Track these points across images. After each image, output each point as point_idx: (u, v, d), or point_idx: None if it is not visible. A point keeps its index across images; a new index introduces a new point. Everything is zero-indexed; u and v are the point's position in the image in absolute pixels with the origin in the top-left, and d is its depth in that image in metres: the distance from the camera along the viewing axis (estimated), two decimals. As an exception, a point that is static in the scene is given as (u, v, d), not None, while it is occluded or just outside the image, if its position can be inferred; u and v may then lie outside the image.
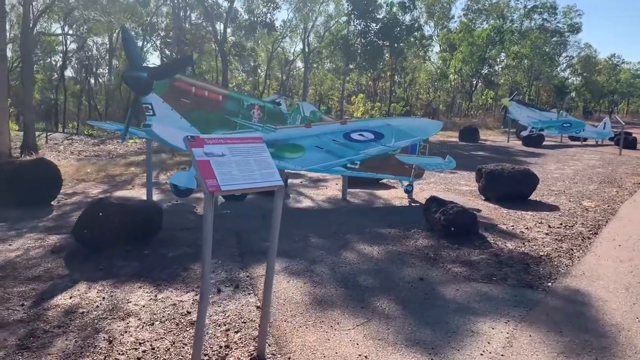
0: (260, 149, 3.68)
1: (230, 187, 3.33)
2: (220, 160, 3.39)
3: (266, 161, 3.64)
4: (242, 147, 3.58)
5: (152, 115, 8.55)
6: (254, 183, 3.46)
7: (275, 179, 3.58)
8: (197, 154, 3.33)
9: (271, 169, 3.61)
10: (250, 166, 3.52)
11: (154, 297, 4.79)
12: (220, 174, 3.32)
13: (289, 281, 5.25)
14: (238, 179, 3.39)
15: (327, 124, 9.37)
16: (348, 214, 8.60)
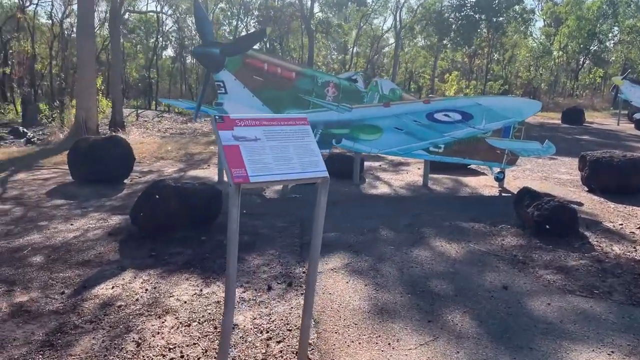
0: (304, 132, 3.06)
1: (261, 178, 2.75)
2: (252, 146, 2.82)
3: (309, 147, 3.02)
4: (281, 129, 2.98)
5: (223, 94, 8.21)
6: (292, 174, 2.86)
7: (318, 169, 2.96)
8: (224, 137, 2.78)
9: (315, 156, 2.99)
10: (288, 153, 2.92)
11: (199, 291, 4.37)
12: (251, 163, 2.75)
13: (349, 282, 4.63)
14: (272, 168, 2.81)
15: (408, 103, 8.59)
16: (427, 203, 7.80)
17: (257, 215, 6.72)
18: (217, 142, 2.82)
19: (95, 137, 8.56)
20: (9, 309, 3.96)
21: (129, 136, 13.80)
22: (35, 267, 4.82)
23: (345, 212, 7.02)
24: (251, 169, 2.73)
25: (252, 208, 7.11)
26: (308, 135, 3.05)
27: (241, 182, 2.67)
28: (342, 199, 7.79)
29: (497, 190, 8.84)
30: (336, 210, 7.04)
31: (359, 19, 38.31)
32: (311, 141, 3.04)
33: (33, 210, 6.76)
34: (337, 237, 5.91)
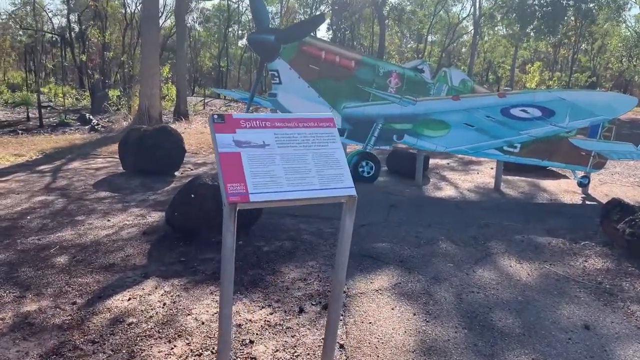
0: (328, 136, 2.42)
1: (265, 196, 2.14)
2: (257, 154, 2.22)
3: (334, 156, 2.37)
4: (298, 133, 2.36)
5: (277, 84, 7.71)
6: (308, 191, 2.23)
7: (344, 184, 2.30)
8: (222, 142, 2.19)
9: (340, 168, 2.34)
10: (305, 163, 2.29)
11: (221, 310, 3.83)
12: (254, 175, 2.15)
13: (395, 308, 3.94)
14: (281, 183, 2.19)
15: (481, 97, 7.72)
16: (498, 210, 6.92)
17: (303, 218, 6.15)
18: (214, 148, 2.23)
19: (147, 127, 8.30)
20: (12, 320, 3.59)
21: (191, 125, 13.65)
22: (56, 269, 4.48)
23: (401, 218, 6.31)
24: (253, 184, 2.12)
25: (298, 208, 6.54)
26: (333, 140, 2.40)
27: (238, 202, 2.06)
28: (400, 202, 7.07)
29: (580, 198, 7.78)
30: (392, 215, 6.34)
31: (435, 6, 36.77)
32: (336, 148, 2.39)
33: (74, 203, 6.53)
34: (389, 248, 5.23)
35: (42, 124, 13.46)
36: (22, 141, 11.36)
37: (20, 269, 4.46)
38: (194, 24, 37.53)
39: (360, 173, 7.96)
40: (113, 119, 14.25)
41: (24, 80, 26.25)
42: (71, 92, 22.94)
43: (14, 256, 4.72)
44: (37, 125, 13.42)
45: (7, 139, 11.63)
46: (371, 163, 8.01)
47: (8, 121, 14.26)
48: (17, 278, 4.26)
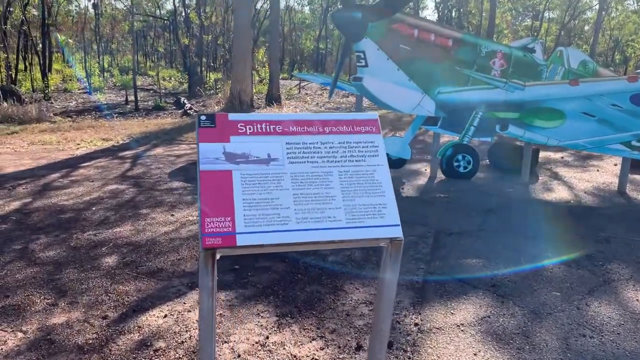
0: (368, 146, 1.67)
1: (262, 238, 1.45)
2: (257, 174, 1.54)
3: (372, 178, 1.65)
4: (320, 142, 1.63)
5: (363, 67, 6.95)
6: (327, 230, 1.50)
7: (384, 222, 1.56)
8: (207, 155, 1.54)
9: (379, 195, 1.60)
10: (328, 188, 1.56)
11: (264, 338, 3.24)
12: (247, 206, 1.49)
13: (478, 353, 3.11)
14: (288, 217, 1.50)
15: (605, 81, 6.46)
16: (622, 220, 5.71)
17: (383, 221, 5.37)
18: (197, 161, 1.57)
19: (225, 114, 7.89)
20: (34, 335, 3.23)
21: (282, 110, 13.25)
22: (101, 272, 4.13)
23: (499, 226, 5.35)
24: (245, 219, 1.46)
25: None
26: (375, 152, 1.66)
27: (217, 247, 1.38)
28: (500, 205, 6.07)
29: None
30: (488, 222, 5.40)
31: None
32: (379, 165, 1.64)
33: (144, 194, 6.26)
34: (480, 266, 4.34)
35: (137, 107, 13.74)
36: (115, 125, 11.58)
37: (65, 269, 4.15)
38: (295, 4, 37.35)
39: (456, 168, 7.02)
40: (206, 104, 14.24)
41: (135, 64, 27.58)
42: (176, 75, 23.63)
43: (64, 254, 4.45)
44: (133, 108, 13.72)
45: (101, 123, 11.93)
46: (469, 157, 7.03)
47: (108, 104, 14.77)
48: (57, 281, 3.95)
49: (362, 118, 1.71)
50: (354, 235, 1.52)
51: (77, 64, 23.12)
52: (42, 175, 6.94)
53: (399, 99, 6.95)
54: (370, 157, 1.64)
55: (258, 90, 17.79)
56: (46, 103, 13.84)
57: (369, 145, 1.66)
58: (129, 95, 14.70)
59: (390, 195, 1.59)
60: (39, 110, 11.79)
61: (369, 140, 1.67)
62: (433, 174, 7.41)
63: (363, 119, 1.71)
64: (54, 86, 18.11)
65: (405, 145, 7.35)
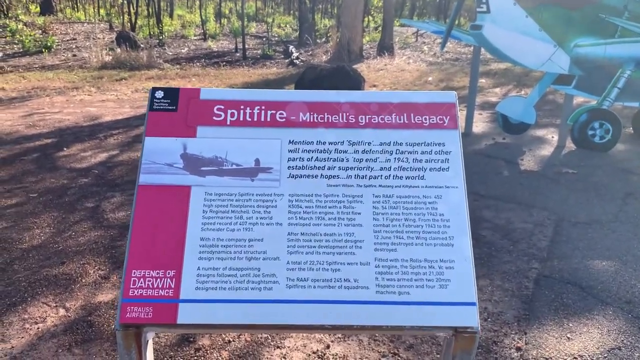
0: (434, 149, 0.95)
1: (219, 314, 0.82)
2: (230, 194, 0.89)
3: (434, 212, 0.92)
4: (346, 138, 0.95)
5: (485, 13, 5.96)
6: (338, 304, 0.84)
7: (448, 297, 0.86)
8: (152, 155, 0.91)
9: (442, 244, 0.88)
10: (352, 227, 0.88)
11: (324, 347, 2.70)
12: (205, 255, 0.85)
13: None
14: (274, 278, 0.85)
15: None
16: None
17: (491, 200, 4.56)
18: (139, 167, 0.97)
19: (324, 67, 7.26)
20: (74, 315, 2.95)
21: (394, 61, 12.31)
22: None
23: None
24: (198, 277, 0.83)
25: (490, 185, 4.95)
26: (446, 163, 0.94)
27: (145, 323, 0.79)
28: (644, 188, 4.93)
29: None
30: (627, 210, 4.37)
31: None
32: (451, 187, 0.92)
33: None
34: (612, 272, 3.42)
35: (244, 56, 13.49)
36: (219, 74, 11.40)
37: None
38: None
39: (590, 138, 5.87)
40: (315, 53, 13.66)
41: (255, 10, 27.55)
42: (292, 22, 23.19)
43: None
44: (241, 57, 13.50)
45: (207, 71, 11.82)
46: (607, 125, 5.82)
47: (218, 52, 14.68)
48: (117, 249, 3.69)
49: (427, 100, 1.00)
50: (387, 319, 0.85)
51: (196, 9, 23.51)
52: (136, 126, 6.85)
53: (525, 52, 5.88)
54: (434, 172, 0.94)
55: (372, 38, 16.84)
56: (159, 49, 14.05)
57: (435, 150, 0.95)
58: (239, 42, 14.52)
59: (465, 245, 0.89)
60: (149, 56, 11.95)
61: (437, 142, 0.96)
62: (561, 143, 6.29)
63: (429, 102, 1.00)
64: (173, 32, 18.46)
65: (529, 107, 6.27)
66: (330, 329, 0.86)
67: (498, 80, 10.78)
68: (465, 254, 0.92)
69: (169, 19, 20.36)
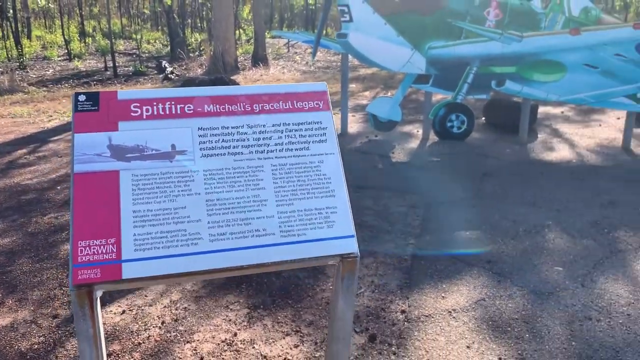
0: (313, 128, 1.24)
1: (159, 265, 1.03)
2: (154, 174, 1.10)
3: (319, 172, 1.20)
4: (247, 124, 1.20)
5: (348, 22, 6.43)
6: (252, 248, 1.09)
7: (333, 233, 1.13)
8: (84, 149, 1.09)
9: (327, 195, 1.16)
10: (256, 190, 1.13)
11: (232, 335, 2.88)
12: (139, 221, 1.05)
13: (472, 345, 2.76)
14: (198, 235, 1.07)
15: (609, 29, 5.97)
16: (627, 180, 5.33)
17: (370, 190, 5.00)
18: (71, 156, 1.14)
19: (202, 78, 7.39)
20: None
21: (269, 71, 12.67)
22: (58, 261, 3.75)
23: (496, 192, 4.96)
24: (135, 241, 1.03)
25: (368, 177, 5.40)
26: (324, 136, 1.23)
27: (95, 282, 0.98)
28: (496, 168, 5.66)
29: None
30: (484, 188, 5.01)
31: None
32: (329, 153, 1.21)
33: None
34: (475, 240, 3.97)
35: (116, 73, 13.11)
36: (92, 93, 10.98)
37: (19, 260, 3.77)
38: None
39: (449, 129, 6.58)
40: (189, 67, 13.63)
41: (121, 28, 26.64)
42: (161, 38, 22.77)
43: (20, 241, 4.06)
44: (112, 75, 13.11)
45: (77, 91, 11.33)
46: (462, 116, 6.58)
47: (87, 71, 14.12)
48: (8, 274, 3.57)
49: (305, 90, 1.29)
50: (292, 254, 1.11)
51: (56, 29, 22.23)
52: (7, 152, 6.49)
53: (387, 56, 6.45)
54: (316, 144, 1.22)
55: (245, 50, 17.11)
56: (20, 72, 13.20)
57: (315, 127, 1.24)
58: (108, 60, 14.05)
59: (342, 195, 1.18)
60: (11, 80, 11.20)
61: (315, 120, 1.24)
62: (426, 136, 6.98)
63: (306, 92, 1.28)
64: (34, 54, 17.38)
65: (395, 105, 6.88)
66: (247, 268, 1.07)
67: (367, 84, 11.53)
68: (344, 201, 1.20)
69: (27, 41, 19.07)
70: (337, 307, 1.28)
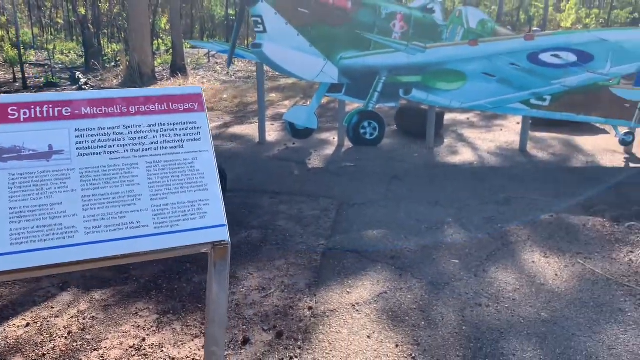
0: (187, 128, 1.35)
1: (32, 260, 1.11)
2: (31, 173, 1.17)
3: (192, 168, 1.32)
4: (123, 125, 1.29)
5: (262, 32, 6.55)
6: (127, 239, 1.18)
7: (205, 223, 1.26)
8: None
9: (200, 189, 1.28)
10: (131, 185, 1.23)
11: (140, 340, 2.91)
12: (15, 217, 1.13)
13: (372, 335, 2.94)
14: (74, 229, 1.15)
15: (504, 40, 6.46)
16: (523, 179, 5.78)
17: (286, 196, 5.13)
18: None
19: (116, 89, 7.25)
20: None
21: (188, 81, 12.59)
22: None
23: (404, 193, 5.23)
24: (11, 235, 1.11)
25: (284, 183, 5.53)
26: (197, 134, 1.33)
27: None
28: (405, 171, 5.97)
29: (623, 159, 6.55)
30: (392, 190, 5.28)
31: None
32: (202, 150, 1.33)
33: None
34: (381, 238, 4.19)
35: (25, 85, 12.55)
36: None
37: None
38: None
39: (362, 135, 6.85)
40: (104, 78, 13.28)
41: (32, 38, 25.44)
42: (76, 48, 21.98)
43: None
44: (22, 87, 12.55)
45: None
46: (374, 123, 6.88)
47: (-7, 83, 13.45)
48: None
49: (180, 93, 1.40)
50: (165, 244, 1.22)
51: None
52: None
53: (301, 66, 6.64)
54: (190, 142, 1.34)
55: (164, 60, 16.86)
56: None
57: (189, 127, 1.35)
58: (17, 72, 13.41)
59: (215, 188, 1.30)
60: None
61: (190, 121, 1.36)
62: (341, 143, 7.22)
63: (182, 94, 1.40)
64: None
65: (311, 114, 7.08)
66: (121, 258, 1.17)
67: (287, 94, 11.72)
68: (216, 194, 1.32)
69: None
70: (212, 291, 1.40)
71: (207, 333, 1.59)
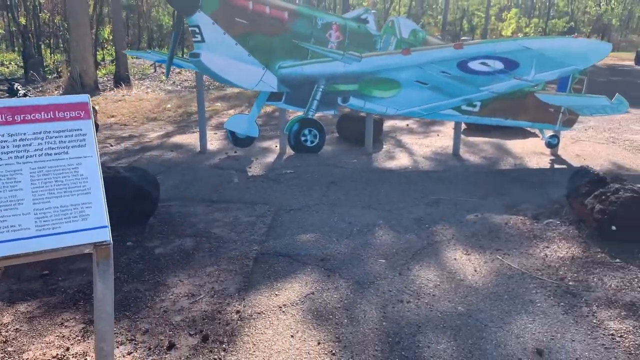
0: (72, 135, 1.42)
1: None
2: None
3: (76, 173, 1.41)
4: (7, 133, 1.35)
5: (200, 42, 6.59)
6: (7, 242, 1.24)
7: (87, 224, 1.33)
8: None
9: (83, 193, 1.36)
10: (14, 190, 1.29)
11: (64, 350, 2.90)
12: None
13: (295, 334, 3.03)
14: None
15: (434, 49, 6.71)
16: (453, 181, 6.02)
17: (222, 204, 5.19)
18: None
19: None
20: None
21: (132, 92, 12.46)
22: None
23: (339, 198, 5.37)
24: None
25: (222, 192, 5.58)
26: (82, 141, 1.41)
27: None
28: (342, 177, 6.12)
29: (549, 161, 6.91)
30: (329, 195, 5.41)
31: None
32: (86, 156, 1.40)
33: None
34: (313, 241, 4.30)
35: (-41, 97, 12.15)
36: None
37: None
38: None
39: (303, 143, 6.97)
40: (45, 89, 12.98)
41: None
42: (17, 59, 21.33)
43: None
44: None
45: None
46: (315, 131, 7.01)
47: None
48: None
49: (67, 102, 1.47)
50: (46, 245, 1.29)
51: None
52: None
53: (240, 75, 6.71)
54: (75, 149, 1.41)
55: (109, 70, 16.60)
56: None
57: (75, 134, 1.43)
58: (-49, 84, 12.94)
59: (98, 192, 1.38)
60: None
61: (75, 128, 1.43)
62: (282, 150, 7.32)
63: (69, 103, 1.47)
64: None
65: (251, 122, 7.15)
66: (2, 260, 1.22)
67: (232, 103, 11.75)
68: (99, 197, 1.39)
69: None
70: (97, 290, 1.47)
71: (95, 330, 1.65)
